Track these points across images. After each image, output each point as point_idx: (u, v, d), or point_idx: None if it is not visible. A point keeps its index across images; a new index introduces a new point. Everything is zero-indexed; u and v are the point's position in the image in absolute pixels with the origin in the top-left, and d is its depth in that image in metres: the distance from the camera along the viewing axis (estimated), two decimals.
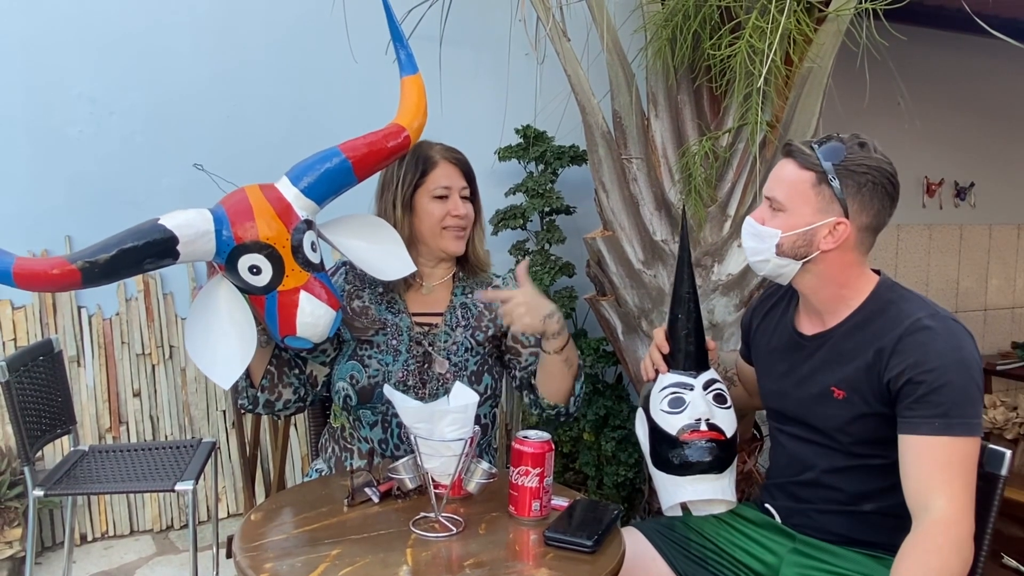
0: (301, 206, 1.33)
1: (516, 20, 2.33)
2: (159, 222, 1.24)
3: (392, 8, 1.53)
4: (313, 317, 1.31)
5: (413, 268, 1.49)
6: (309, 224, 1.34)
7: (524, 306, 1.42)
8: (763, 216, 1.34)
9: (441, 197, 1.56)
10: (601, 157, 2.25)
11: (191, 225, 1.25)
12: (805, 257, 1.30)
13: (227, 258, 1.29)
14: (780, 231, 1.30)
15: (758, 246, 1.34)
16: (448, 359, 1.55)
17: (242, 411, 1.53)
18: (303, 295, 1.30)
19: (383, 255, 1.48)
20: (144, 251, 1.22)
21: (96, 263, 1.19)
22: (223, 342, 1.32)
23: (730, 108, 2.16)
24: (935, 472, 1.16)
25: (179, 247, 1.24)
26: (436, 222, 1.56)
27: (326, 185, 1.35)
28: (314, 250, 1.34)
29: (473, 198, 1.62)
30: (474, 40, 2.95)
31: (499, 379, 1.62)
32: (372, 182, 1.72)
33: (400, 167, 1.56)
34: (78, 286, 1.21)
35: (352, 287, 1.60)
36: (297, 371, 1.54)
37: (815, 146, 1.29)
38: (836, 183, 1.26)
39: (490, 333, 1.60)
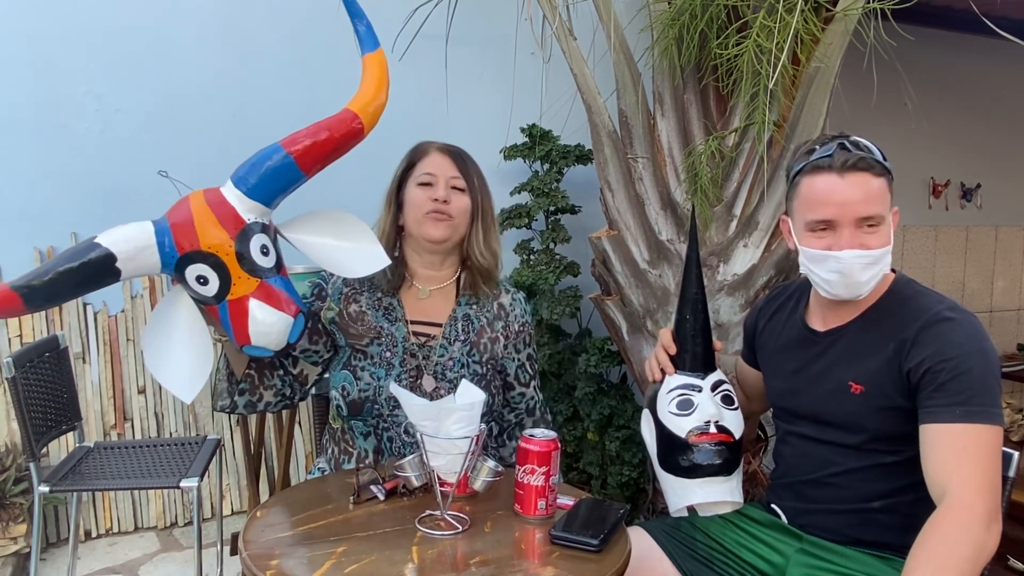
0: (246, 209, 1.27)
1: (522, 19, 2.33)
2: (95, 240, 1.20)
3: None
4: (265, 326, 1.26)
5: (387, 261, 1.40)
6: (262, 226, 1.28)
7: None
8: (860, 240, 1.24)
9: (425, 184, 1.50)
10: (607, 156, 2.25)
11: (129, 240, 1.21)
12: None
13: (174, 269, 1.25)
14: (890, 244, 1.27)
15: (876, 270, 1.26)
16: (443, 375, 1.50)
17: (222, 411, 1.49)
18: (253, 303, 1.25)
19: (350, 251, 1.38)
20: (81, 272, 1.18)
21: (33, 288, 1.16)
22: (181, 355, 1.27)
23: (736, 107, 2.16)
24: (951, 459, 1.16)
25: (118, 264, 1.20)
26: (418, 208, 1.49)
27: (269, 184, 1.28)
28: (265, 254, 1.27)
29: (471, 193, 1.53)
30: (480, 39, 2.95)
31: (497, 395, 1.57)
32: (382, 175, 1.69)
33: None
34: (23, 311, 1.17)
35: (351, 289, 1.54)
36: (281, 372, 1.49)
37: (872, 146, 1.27)
38: (892, 176, 1.27)
39: (486, 358, 1.54)
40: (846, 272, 1.25)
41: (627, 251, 2.25)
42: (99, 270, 1.19)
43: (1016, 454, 1.32)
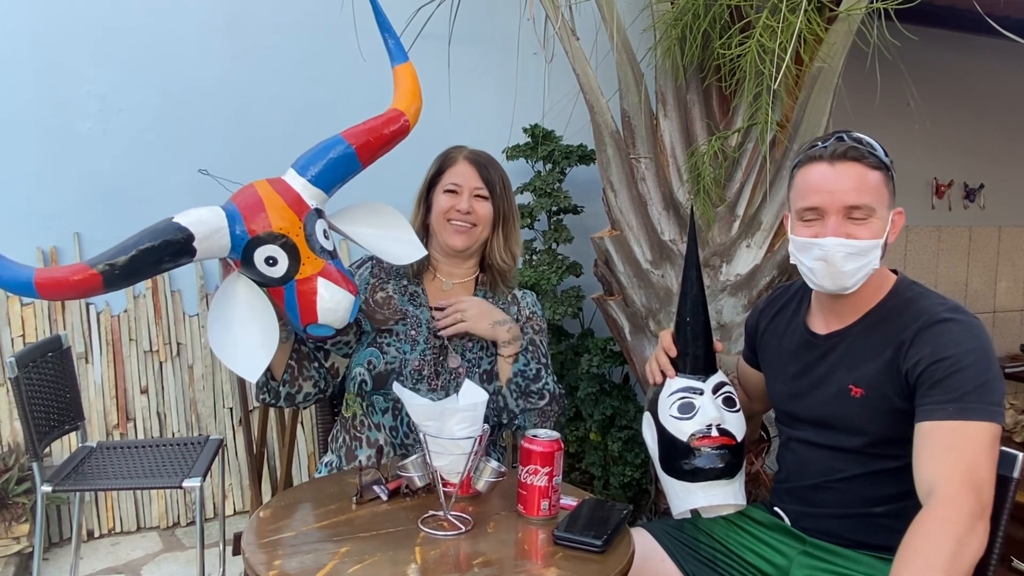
0: (310, 195, 1.35)
1: (525, 19, 2.33)
2: (174, 220, 1.25)
3: None
4: (332, 302, 1.32)
5: (424, 252, 1.51)
6: (320, 212, 1.37)
7: (474, 308, 1.53)
8: (847, 230, 1.23)
9: (451, 192, 1.60)
10: (609, 156, 2.25)
11: (205, 222, 1.27)
12: (881, 256, 1.28)
13: (243, 252, 1.30)
14: (879, 239, 1.25)
15: (861, 263, 1.25)
16: (463, 355, 1.58)
17: (263, 404, 1.55)
18: (320, 281, 1.31)
19: (393, 241, 1.49)
20: (162, 250, 1.23)
21: (116, 265, 1.21)
22: (245, 336, 1.33)
23: (739, 107, 2.16)
24: (939, 456, 1.14)
25: (195, 244, 1.26)
26: (441, 214, 1.60)
27: (332, 173, 1.37)
28: (327, 237, 1.36)
29: (495, 200, 1.62)
30: (482, 39, 2.95)
31: None
32: (387, 174, 1.71)
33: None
34: (100, 290, 1.21)
35: (377, 280, 1.63)
36: (316, 364, 1.56)
37: (873, 142, 1.27)
38: (893, 174, 1.27)
39: None
40: (828, 260, 1.24)
41: (629, 251, 2.25)
42: (179, 249, 1.25)
43: (1020, 455, 1.31)
